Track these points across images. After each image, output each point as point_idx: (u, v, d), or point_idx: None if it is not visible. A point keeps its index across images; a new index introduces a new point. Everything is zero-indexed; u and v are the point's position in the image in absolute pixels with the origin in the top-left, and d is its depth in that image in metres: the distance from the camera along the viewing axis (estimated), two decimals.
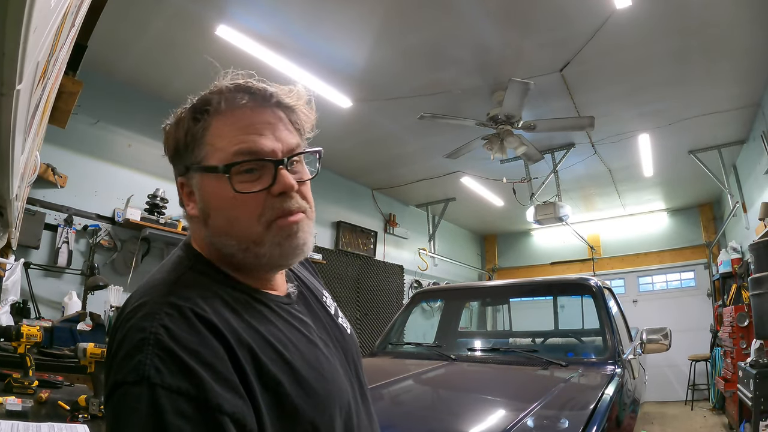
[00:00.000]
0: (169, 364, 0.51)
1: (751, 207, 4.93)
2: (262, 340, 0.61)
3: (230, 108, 0.65)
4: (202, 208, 0.66)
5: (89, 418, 1.37)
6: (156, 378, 0.50)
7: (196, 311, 0.56)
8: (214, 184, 0.64)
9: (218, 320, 0.57)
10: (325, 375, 0.65)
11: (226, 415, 0.51)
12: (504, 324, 5.20)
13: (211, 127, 0.65)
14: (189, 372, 0.51)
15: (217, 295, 0.61)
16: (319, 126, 0.76)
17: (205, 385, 0.51)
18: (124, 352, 0.53)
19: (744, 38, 3.26)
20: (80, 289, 3.24)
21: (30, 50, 0.65)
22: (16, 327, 1.63)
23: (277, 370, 0.59)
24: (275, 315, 0.67)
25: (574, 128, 4.20)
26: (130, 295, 0.62)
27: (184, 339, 0.53)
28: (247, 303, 0.64)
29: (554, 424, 1.48)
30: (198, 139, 0.65)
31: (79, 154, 3.45)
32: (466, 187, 6.26)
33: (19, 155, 1.10)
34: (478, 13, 3.03)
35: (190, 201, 0.68)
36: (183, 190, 0.69)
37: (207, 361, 0.53)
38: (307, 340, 0.68)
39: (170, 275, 0.63)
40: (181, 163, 0.68)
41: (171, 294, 0.58)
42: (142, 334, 0.53)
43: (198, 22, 3.02)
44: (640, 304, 7.45)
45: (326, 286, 0.93)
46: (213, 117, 0.65)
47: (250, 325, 0.61)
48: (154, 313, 0.55)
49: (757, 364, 3.27)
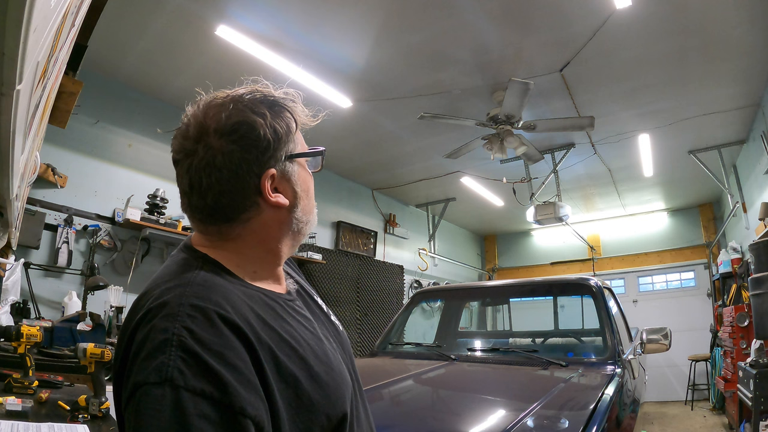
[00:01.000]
0: (193, 366, 0.51)
1: (751, 207, 4.93)
2: (278, 337, 0.61)
3: (293, 109, 0.74)
4: (297, 194, 0.72)
5: (89, 418, 1.37)
6: (179, 380, 0.50)
7: (219, 312, 0.56)
8: (303, 169, 0.75)
9: (241, 321, 0.57)
10: (333, 368, 0.67)
11: (249, 419, 0.51)
12: (504, 324, 5.20)
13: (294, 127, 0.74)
14: (213, 374, 0.51)
15: (236, 295, 0.61)
16: (319, 126, 0.78)
17: (228, 388, 0.51)
18: (145, 353, 0.53)
19: (744, 38, 3.26)
20: (80, 289, 3.24)
21: (30, 50, 0.65)
22: (16, 327, 1.63)
23: (294, 366, 0.60)
24: (285, 312, 0.68)
25: (574, 128, 4.20)
26: (143, 295, 0.62)
27: (208, 341, 0.53)
28: (261, 301, 0.65)
29: (554, 424, 1.48)
30: (291, 135, 0.72)
31: (79, 154, 3.45)
32: (466, 187, 6.26)
33: (19, 155, 1.10)
34: (478, 13, 3.03)
35: (278, 192, 0.70)
36: (269, 183, 0.68)
37: (231, 363, 0.53)
38: (314, 335, 0.69)
39: (184, 276, 0.62)
40: (278, 153, 0.69)
41: (192, 294, 0.58)
42: (165, 335, 0.53)
43: (198, 22, 3.02)
44: (640, 304, 7.45)
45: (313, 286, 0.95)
46: (293, 115, 0.73)
47: (267, 323, 0.62)
48: (176, 314, 0.55)
49: (757, 364, 3.27)
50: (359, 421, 0.71)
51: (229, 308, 0.58)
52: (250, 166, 0.66)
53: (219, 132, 0.65)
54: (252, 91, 0.70)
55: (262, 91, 0.70)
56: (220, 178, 0.65)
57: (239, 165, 0.65)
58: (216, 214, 0.67)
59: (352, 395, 0.71)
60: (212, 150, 0.65)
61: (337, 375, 0.67)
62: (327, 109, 0.81)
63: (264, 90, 0.71)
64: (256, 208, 0.68)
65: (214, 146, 0.65)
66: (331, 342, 0.74)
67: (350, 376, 0.74)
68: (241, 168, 0.65)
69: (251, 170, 0.66)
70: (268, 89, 0.72)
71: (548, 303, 3.96)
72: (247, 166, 0.66)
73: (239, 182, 0.66)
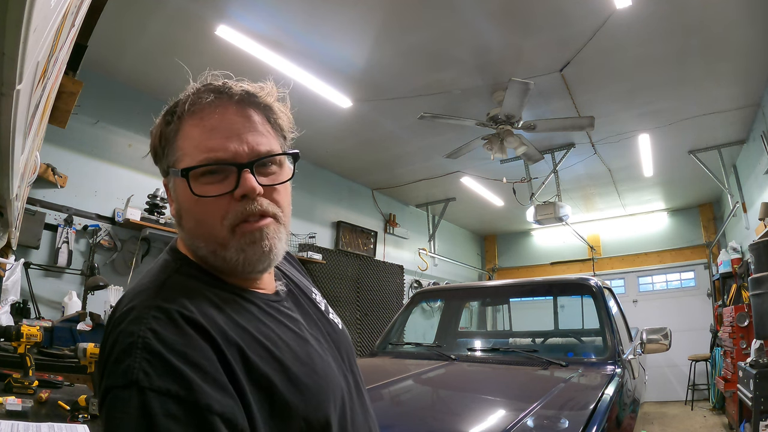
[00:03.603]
0: (157, 366, 0.51)
1: (751, 207, 4.93)
2: (250, 338, 0.61)
3: (197, 109, 0.65)
4: (177, 210, 0.68)
5: (89, 418, 1.37)
6: (145, 381, 0.50)
7: (182, 313, 0.57)
8: (182, 186, 0.64)
9: (205, 320, 0.57)
10: (317, 370, 0.65)
11: (216, 415, 0.51)
12: (504, 324, 5.20)
13: (181, 130, 0.65)
14: (177, 374, 0.51)
15: (203, 296, 0.61)
16: (319, 126, 0.77)
17: (193, 386, 0.51)
18: (114, 357, 0.53)
19: (744, 38, 3.26)
20: (80, 289, 3.24)
21: (30, 50, 0.65)
22: (16, 327, 1.63)
23: (266, 367, 0.59)
24: (264, 313, 0.67)
25: (574, 128, 4.20)
26: (119, 301, 0.63)
27: (171, 341, 0.53)
28: (234, 302, 0.64)
29: (554, 424, 1.48)
30: (171, 142, 0.66)
31: (79, 154, 3.45)
32: (466, 187, 6.26)
33: (19, 155, 1.10)
34: (478, 13, 3.03)
35: (171, 202, 0.70)
36: (167, 192, 0.70)
37: (195, 362, 0.53)
38: (298, 336, 0.68)
39: (157, 279, 0.63)
40: (161, 166, 0.70)
41: (158, 297, 0.59)
42: (131, 338, 0.53)
43: (198, 22, 3.01)
44: (640, 304, 7.45)
45: (315, 284, 0.93)
46: (183, 119, 0.65)
47: (238, 324, 0.61)
48: (142, 317, 0.56)
49: (757, 364, 3.27)
50: (355, 424, 0.69)
51: (193, 308, 0.58)
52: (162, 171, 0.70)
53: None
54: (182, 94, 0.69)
55: (183, 94, 0.68)
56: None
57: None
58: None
59: (344, 397, 0.69)
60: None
61: (320, 377, 0.65)
62: (327, 108, 0.79)
63: (190, 87, 0.68)
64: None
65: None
66: (322, 342, 0.72)
67: (345, 378, 0.72)
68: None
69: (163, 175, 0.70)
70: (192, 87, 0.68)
71: (548, 303, 3.96)
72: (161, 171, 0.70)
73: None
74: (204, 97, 0.65)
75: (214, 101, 0.65)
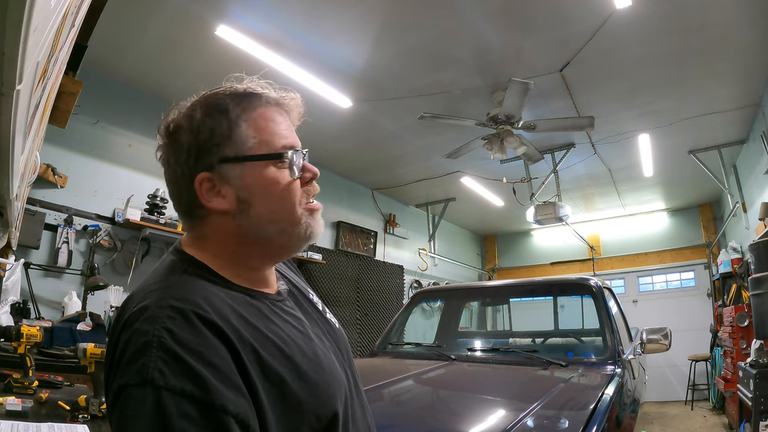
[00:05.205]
0: (173, 366, 0.51)
1: (751, 207, 4.93)
2: (263, 337, 0.61)
3: (258, 104, 0.70)
4: (241, 199, 0.67)
5: (89, 418, 1.37)
6: (160, 380, 0.50)
7: (197, 312, 0.57)
8: (263, 172, 0.67)
9: (220, 320, 0.58)
10: (324, 367, 0.66)
11: (231, 416, 0.51)
12: (504, 324, 5.20)
13: (247, 122, 0.68)
14: (193, 373, 0.51)
15: (216, 296, 0.62)
16: (319, 126, 0.78)
17: (209, 387, 0.51)
18: (128, 356, 0.53)
19: (743, 38, 3.26)
20: (80, 289, 3.24)
21: (30, 50, 0.65)
22: (16, 327, 1.63)
23: (279, 365, 0.60)
24: (272, 312, 0.68)
25: (574, 128, 4.20)
26: (128, 299, 0.63)
27: (187, 341, 0.53)
28: (244, 302, 0.65)
29: (554, 424, 1.48)
30: (233, 132, 0.67)
31: (79, 154, 3.45)
32: (466, 187, 6.26)
33: (19, 155, 1.10)
34: (478, 13, 3.03)
35: (215, 196, 0.66)
36: (203, 186, 0.66)
37: (210, 362, 0.53)
38: (303, 334, 0.69)
39: (167, 279, 0.63)
40: (207, 158, 0.66)
41: (170, 296, 0.58)
42: (146, 337, 0.53)
43: (198, 22, 3.01)
44: (640, 304, 7.45)
45: (314, 284, 0.94)
46: (247, 112, 0.69)
47: (250, 323, 0.62)
48: (156, 316, 0.55)
49: (757, 364, 3.27)
50: (355, 421, 0.70)
51: (208, 308, 0.58)
52: (183, 169, 0.67)
53: (162, 133, 0.69)
54: (215, 90, 0.70)
55: (221, 90, 0.69)
56: (169, 179, 0.69)
57: (174, 168, 0.68)
58: (180, 211, 0.71)
59: (347, 394, 0.70)
60: (160, 149, 0.70)
61: (327, 374, 0.66)
62: (327, 108, 0.80)
63: (227, 86, 0.70)
64: (201, 210, 0.68)
65: (160, 146, 0.70)
66: (324, 341, 0.74)
67: (345, 375, 0.73)
68: (176, 171, 0.68)
69: (184, 173, 0.67)
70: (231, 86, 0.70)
71: (548, 303, 3.96)
72: (180, 169, 0.67)
73: (179, 184, 0.68)
74: (255, 96, 0.70)
75: (264, 100, 0.71)
